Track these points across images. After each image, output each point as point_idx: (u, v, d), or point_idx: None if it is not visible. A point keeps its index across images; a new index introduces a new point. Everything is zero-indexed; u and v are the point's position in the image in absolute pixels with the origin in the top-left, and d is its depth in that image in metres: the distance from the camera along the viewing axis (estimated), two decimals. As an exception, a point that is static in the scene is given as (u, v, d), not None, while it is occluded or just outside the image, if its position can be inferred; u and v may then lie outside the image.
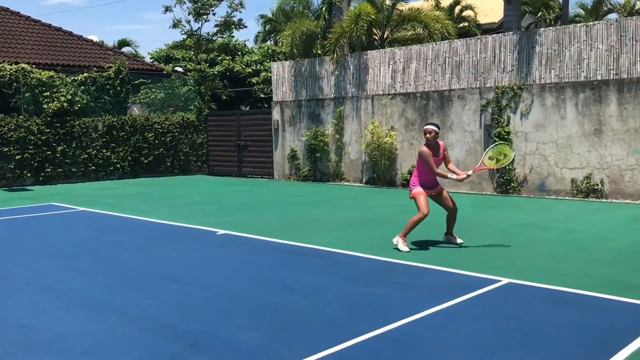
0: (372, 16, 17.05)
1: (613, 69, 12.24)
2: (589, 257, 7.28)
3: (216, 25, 27.10)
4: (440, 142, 8.01)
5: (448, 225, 8.15)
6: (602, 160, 12.31)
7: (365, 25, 16.82)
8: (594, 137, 12.39)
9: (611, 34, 12.26)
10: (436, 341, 4.61)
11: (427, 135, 7.84)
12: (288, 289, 6.14)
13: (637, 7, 26.61)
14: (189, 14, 26.14)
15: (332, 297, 5.84)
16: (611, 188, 12.21)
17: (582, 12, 27.97)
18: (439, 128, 7.97)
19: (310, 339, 4.72)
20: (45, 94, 17.93)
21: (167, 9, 25.74)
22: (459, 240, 8.10)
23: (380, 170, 15.76)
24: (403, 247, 7.73)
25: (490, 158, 8.22)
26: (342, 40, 16.75)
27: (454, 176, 7.81)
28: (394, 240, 7.91)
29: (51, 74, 18.30)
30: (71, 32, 24.07)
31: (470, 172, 7.86)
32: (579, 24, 13.09)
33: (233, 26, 27.23)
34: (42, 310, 5.57)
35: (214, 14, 26.41)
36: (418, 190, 7.87)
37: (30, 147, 17.64)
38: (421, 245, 8.10)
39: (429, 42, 16.60)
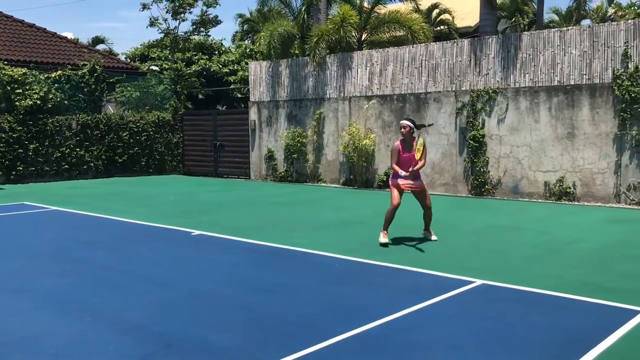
0: (354, 19, 17.11)
1: (586, 74, 12.45)
2: (561, 258, 7.39)
3: (193, 24, 26.93)
4: (418, 138, 8.13)
5: (425, 221, 8.50)
6: (574, 163, 12.51)
7: (352, 28, 16.89)
8: (567, 141, 12.59)
9: (584, 39, 12.46)
10: (410, 342, 4.64)
11: (402, 130, 8.15)
12: (263, 290, 6.13)
13: (609, 14, 27.12)
14: (166, 12, 25.93)
15: (307, 298, 5.85)
16: (583, 191, 12.41)
17: (556, 17, 28.43)
18: (414, 124, 8.21)
19: (284, 339, 4.72)
20: (18, 91, 17.62)
21: (145, 7, 25.49)
22: (433, 237, 8.44)
23: (357, 172, 15.81)
24: (382, 238, 8.04)
25: None
26: (322, 42, 16.76)
27: (402, 172, 8.01)
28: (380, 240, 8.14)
29: (24, 70, 18.00)
30: (45, 28, 23.73)
31: (407, 173, 8.00)
32: (553, 29, 13.29)
33: (209, 24, 27.08)
34: (12, 311, 5.48)
35: (190, 13, 26.25)
36: (392, 181, 8.23)
37: (2, 145, 17.33)
38: (396, 246, 8.15)
39: (405, 44, 16.69)
